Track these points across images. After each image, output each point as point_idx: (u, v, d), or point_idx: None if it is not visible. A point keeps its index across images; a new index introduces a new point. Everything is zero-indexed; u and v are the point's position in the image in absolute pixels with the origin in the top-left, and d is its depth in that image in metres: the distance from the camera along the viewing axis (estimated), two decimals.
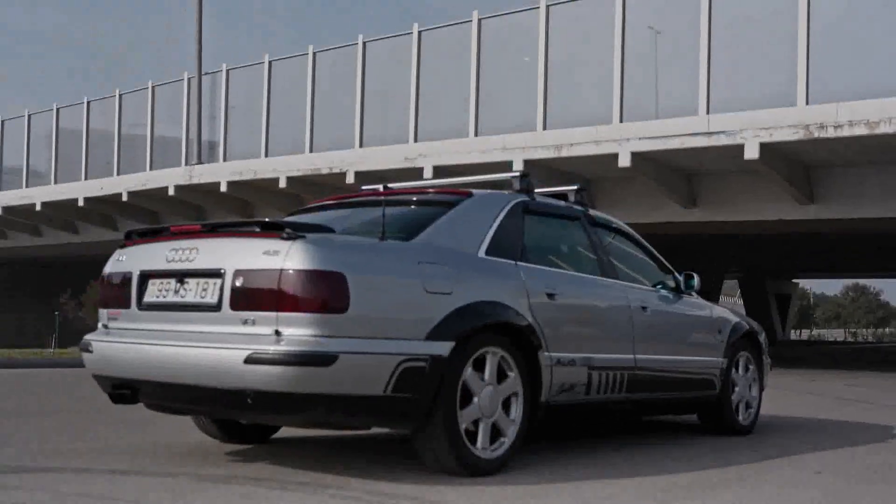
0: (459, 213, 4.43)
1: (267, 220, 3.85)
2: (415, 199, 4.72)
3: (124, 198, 20.52)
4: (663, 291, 5.52)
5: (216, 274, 3.82)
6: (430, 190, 4.89)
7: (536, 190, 4.98)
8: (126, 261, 4.32)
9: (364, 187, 5.24)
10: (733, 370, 5.95)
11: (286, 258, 3.62)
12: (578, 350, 4.60)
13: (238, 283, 3.72)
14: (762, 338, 6.36)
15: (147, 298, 4.14)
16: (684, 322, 5.65)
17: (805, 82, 11.91)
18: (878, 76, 11.65)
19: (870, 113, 11.26)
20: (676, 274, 5.68)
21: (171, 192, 19.36)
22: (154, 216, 22.05)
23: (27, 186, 23.98)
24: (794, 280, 46.56)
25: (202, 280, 3.88)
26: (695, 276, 5.64)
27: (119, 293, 4.28)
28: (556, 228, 5.07)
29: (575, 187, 5.31)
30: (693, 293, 5.79)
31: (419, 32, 15.77)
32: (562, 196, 5.28)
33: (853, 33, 12.09)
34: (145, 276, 4.15)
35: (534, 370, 4.32)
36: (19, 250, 27.66)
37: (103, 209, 22.25)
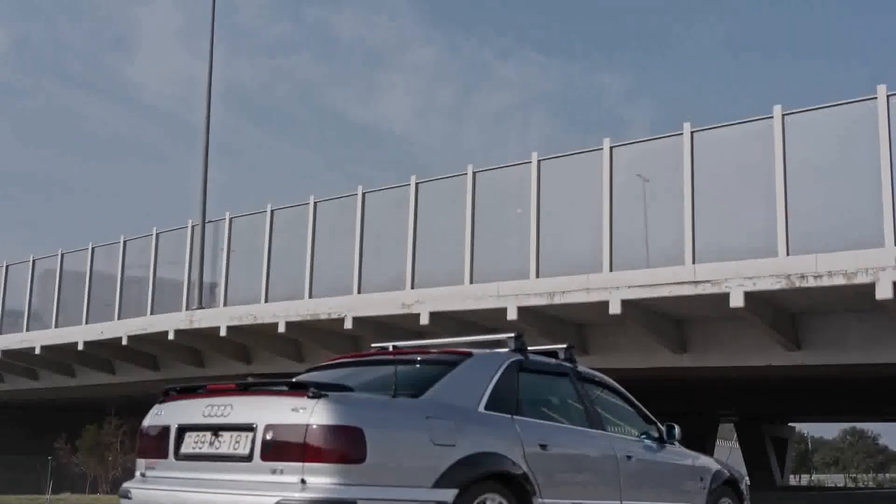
0: (461, 373, 4.89)
1: (294, 380, 4.30)
2: (420, 358, 5.17)
3: (124, 342, 20.73)
4: (647, 441, 5.89)
5: (248, 428, 4.22)
6: (434, 350, 5.35)
7: (529, 348, 5.43)
8: (164, 415, 4.72)
9: (373, 345, 5.70)
10: None
11: (311, 414, 4.04)
12: (569, 496, 4.95)
13: (268, 437, 4.13)
14: (743, 485, 6.69)
15: (184, 450, 4.51)
16: (667, 470, 5.99)
17: (785, 233, 12.48)
18: (854, 229, 12.23)
19: (847, 263, 11.75)
20: (659, 424, 6.07)
21: (170, 336, 19.59)
22: (152, 360, 22.25)
23: (28, 330, 24.26)
24: (790, 424, 46.29)
25: (236, 433, 4.28)
26: (675, 426, 6.03)
27: (157, 444, 4.66)
28: (548, 384, 5.50)
29: (564, 346, 5.77)
30: (675, 442, 6.15)
31: (416, 184, 16.50)
32: (552, 354, 5.73)
33: (829, 189, 12.73)
34: (183, 430, 4.54)
35: None
36: (15, 393, 27.64)
37: (102, 353, 22.42)
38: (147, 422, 4.85)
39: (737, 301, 12.49)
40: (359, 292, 16.79)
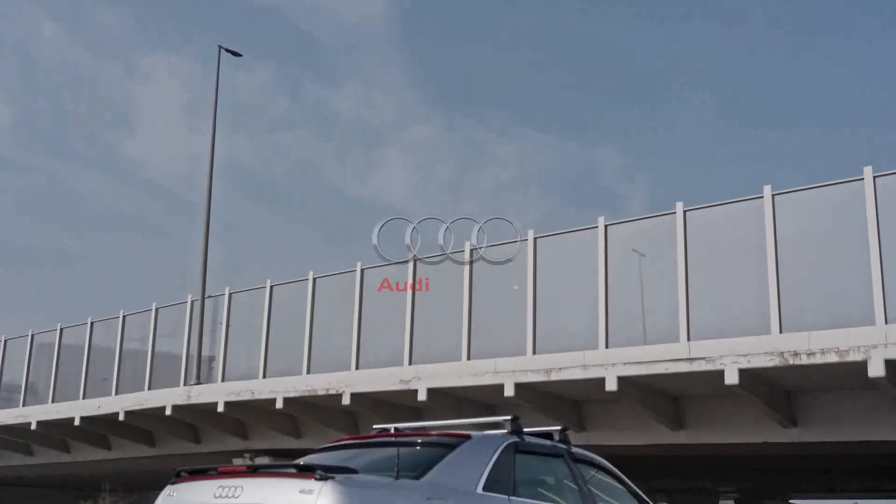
0: (460, 454, 5.05)
1: (300, 462, 4.43)
2: (421, 440, 5.33)
3: (121, 417, 20.65)
4: None
5: None
6: (434, 433, 5.51)
7: (525, 430, 5.57)
8: (176, 497, 4.86)
9: (375, 427, 5.86)
10: None
11: (318, 496, 4.21)
12: None
13: None
14: None
15: None
16: None
17: (777, 310, 12.63)
18: (845, 306, 12.41)
19: (839, 341, 11.87)
20: None
21: (168, 411, 19.52)
22: (148, 436, 22.13)
23: (24, 405, 24.15)
24: (791, 501, 45.64)
25: None
26: None
27: None
28: (543, 465, 5.64)
29: (558, 427, 5.93)
30: None
31: (415, 261, 16.71)
32: (547, 436, 5.88)
33: (820, 267, 12.92)
34: None
35: None
36: (9, 469, 27.36)
37: (98, 428, 22.29)
38: (159, 503, 4.97)
39: (731, 378, 12.57)
40: (357, 368, 16.86)
